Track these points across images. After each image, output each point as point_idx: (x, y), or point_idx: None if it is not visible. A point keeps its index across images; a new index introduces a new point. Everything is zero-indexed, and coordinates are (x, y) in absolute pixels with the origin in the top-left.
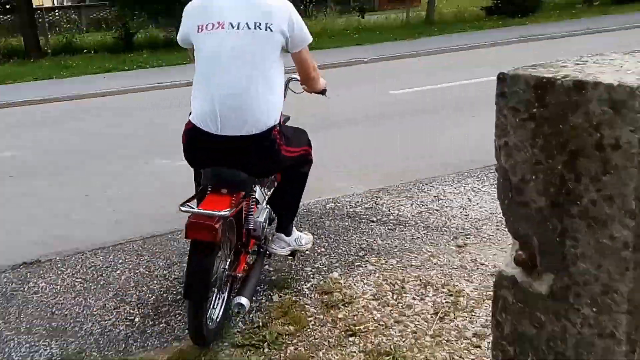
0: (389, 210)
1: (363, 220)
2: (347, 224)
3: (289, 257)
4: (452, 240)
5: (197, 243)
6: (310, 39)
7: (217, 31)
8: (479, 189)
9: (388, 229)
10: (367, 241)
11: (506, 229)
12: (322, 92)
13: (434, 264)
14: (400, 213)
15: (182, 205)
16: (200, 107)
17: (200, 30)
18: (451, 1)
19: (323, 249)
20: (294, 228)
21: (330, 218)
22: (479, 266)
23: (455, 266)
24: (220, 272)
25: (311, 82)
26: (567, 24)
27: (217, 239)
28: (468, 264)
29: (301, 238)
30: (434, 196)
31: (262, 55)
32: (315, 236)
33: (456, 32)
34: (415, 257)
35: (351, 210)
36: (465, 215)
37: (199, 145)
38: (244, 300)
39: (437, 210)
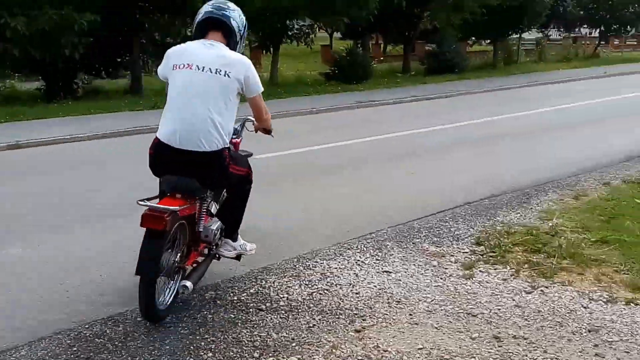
0: (278, 294)
1: (251, 310)
2: (233, 315)
3: (235, 259)
4: (349, 324)
5: (149, 231)
6: (261, 89)
7: (187, 70)
8: (362, 261)
9: (281, 317)
10: (260, 336)
11: (398, 306)
12: (269, 132)
13: (338, 356)
14: (290, 297)
15: (140, 200)
16: (166, 126)
17: (175, 68)
18: (290, 65)
19: (210, 354)
20: (239, 236)
21: (212, 311)
22: (382, 354)
23: (359, 356)
24: (171, 262)
25: (263, 122)
26: (395, 92)
27: (166, 228)
28: (371, 352)
29: (245, 245)
30: (321, 273)
31: (218, 93)
32: (198, 337)
33: (302, 94)
34: (317, 350)
35: (235, 298)
36: (356, 293)
37: (162, 156)
38: (188, 283)
39: (327, 290)
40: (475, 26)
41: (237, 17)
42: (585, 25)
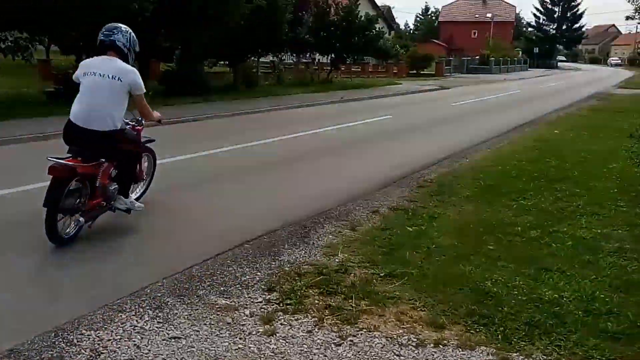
0: None
1: None
2: None
3: (126, 212)
4: None
5: (54, 178)
6: (144, 90)
7: (92, 76)
8: (141, 327)
9: None
10: None
11: None
12: (159, 121)
13: None
14: None
15: (50, 156)
16: (74, 110)
17: (84, 74)
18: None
19: None
20: (130, 195)
21: None
22: None
23: None
24: (72, 204)
25: (145, 115)
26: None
27: (64, 176)
28: None
29: (134, 203)
30: (91, 350)
31: (113, 92)
32: None
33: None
34: None
35: None
36: None
37: (70, 131)
38: (81, 219)
39: None
40: (214, 47)
41: (121, 38)
42: (316, 52)
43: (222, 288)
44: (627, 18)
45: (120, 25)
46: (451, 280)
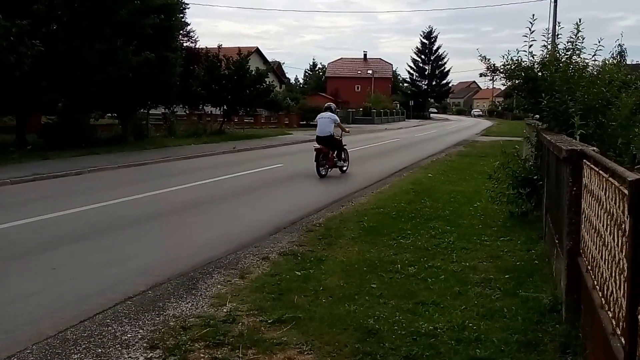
0: None
1: None
2: None
3: (340, 171)
4: None
5: (317, 151)
6: (338, 120)
7: (321, 119)
8: None
9: None
10: None
11: None
12: (347, 131)
13: None
14: None
15: (315, 146)
16: (318, 131)
17: (319, 117)
18: None
19: None
20: (343, 164)
21: None
22: None
23: None
24: (324, 163)
25: (342, 129)
26: (11, 169)
27: (320, 152)
28: None
29: (343, 167)
30: None
31: (329, 123)
32: None
33: None
34: None
35: None
36: None
37: (318, 138)
38: (329, 170)
39: None
40: (101, 99)
41: (333, 107)
42: (208, 104)
43: (99, 350)
44: (481, 75)
45: (331, 104)
46: (337, 320)
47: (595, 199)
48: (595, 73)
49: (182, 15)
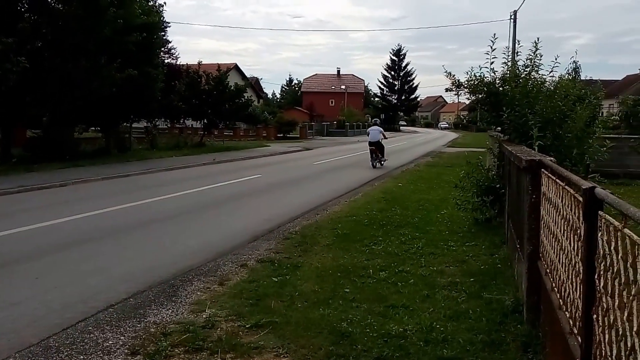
0: None
1: None
2: None
3: (381, 164)
4: None
5: (370, 149)
6: (383, 132)
7: (371, 130)
8: None
9: None
10: None
11: None
12: (385, 137)
13: None
14: None
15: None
16: (369, 137)
17: (369, 128)
18: None
19: None
20: (383, 159)
21: None
22: None
23: None
24: (375, 157)
25: (384, 137)
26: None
27: (372, 149)
28: None
29: (382, 162)
30: None
31: (378, 133)
32: None
33: None
34: None
35: None
36: None
37: (370, 142)
38: (377, 163)
39: None
40: (85, 113)
41: (379, 123)
42: (189, 118)
43: (81, 357)
44: (447, 90)
45: (377, 120)
46: (312, 324)
47: (553, 206)
48: (552, 88)
49: (163, 33)
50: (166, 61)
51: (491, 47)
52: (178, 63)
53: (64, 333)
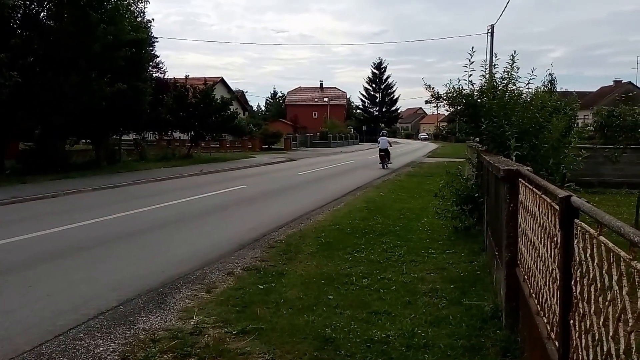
0: None
1: None
2: None
3: (386, 166)
4: None
5: (380, 154)
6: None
7: (381, 139)
8: None
9: None
10: None
11: None
12: (390, 145)
13: None
14: None
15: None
16: (380, 145)
17: (380, 138)
18: None
19: None
20: (389, 162)
21: None
22: None
23: None
24: (384, 159)
25: (390, 145)
26: None
27: (381, 154)
28: None
29: (387, 165)
30: None
31: (386, 142)
32: None
33: None
34: None
35: None
36: None
37: (381, 149)
38: (385, 165)
39: None
40: (76, 126)
41: (385, 133)
42: (177, 130)
43: None
44: (426, 102)
45: (384, 131)
46: (297, 330)
47: (530, 214)
48: (529, 100)
49: (151, 48)
50: (154, 75)
51: (469, 60)
52: (166, 77)
53: (56, 340)
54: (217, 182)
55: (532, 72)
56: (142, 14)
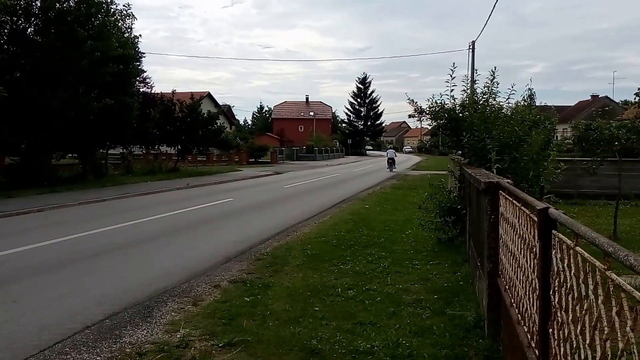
0: None
1: None
2: None
3: (392, 170)
4: None
5: (388, 161)
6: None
7: (389, 150)
8: None
9: None
10: None
11: None
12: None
13: None
14: None
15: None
16: (388, 155)
17: (387, 150)
18: None
19: None
20: (394, 167)
21: None
22: None
23: None
24: (390, 164)
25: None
26: None
27: (390, 162)
28: None
29: (392, 169)
30: None
31: (392, 153)
32: None
33: None
34: None
35: None
36: None
37: (388, 158)
38: (391, 169)
39: None
40: (62, 140)
41: (392, 150)
42: (164, 144)
43: None
44: (410, 116)
45: (391, 146)
46: (283, 342)
47: (510, 225)
48: (509, 114)
49: (138, 63)
50: (141, 90)
51: (451, 76)
52: (153, 92)
53: (42, 355)
54: (203, 196)
55: (512, 87)
56: (129, 30)
